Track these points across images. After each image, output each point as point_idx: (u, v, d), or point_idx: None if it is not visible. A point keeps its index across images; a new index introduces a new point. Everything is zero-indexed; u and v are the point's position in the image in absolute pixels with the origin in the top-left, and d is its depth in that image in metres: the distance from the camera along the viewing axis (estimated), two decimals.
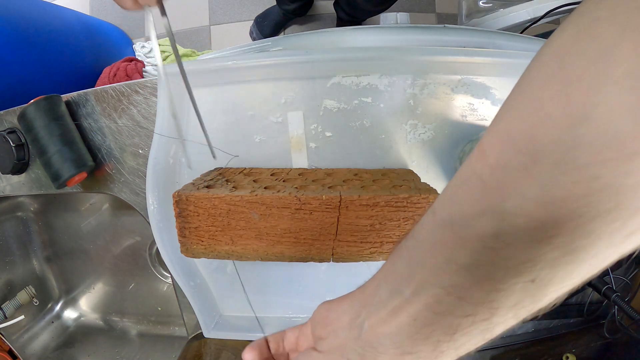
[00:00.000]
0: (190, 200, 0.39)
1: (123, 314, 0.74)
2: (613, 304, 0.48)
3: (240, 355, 0.30)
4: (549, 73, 0.15)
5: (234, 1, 1.39)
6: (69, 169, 0.48)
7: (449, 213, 0.19)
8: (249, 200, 0.38)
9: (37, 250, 0.71)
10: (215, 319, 0.51)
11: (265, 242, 0.39)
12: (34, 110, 0.47)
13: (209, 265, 0.50)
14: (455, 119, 0.46)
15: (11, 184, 0.55)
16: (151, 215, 0.46)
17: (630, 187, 0.13)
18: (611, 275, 0.50)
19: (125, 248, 0.72)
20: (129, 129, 0.51)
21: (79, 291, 0.74)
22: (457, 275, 0.18)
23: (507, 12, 0.71)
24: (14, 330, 0.64)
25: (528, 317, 0.20)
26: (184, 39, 1.40)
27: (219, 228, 0.39)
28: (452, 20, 1.38)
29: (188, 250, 0.41)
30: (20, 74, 0.78)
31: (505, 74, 0.45)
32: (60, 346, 0.69)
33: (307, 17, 1.38)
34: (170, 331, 0.72)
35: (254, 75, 0.46)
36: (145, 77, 0.97)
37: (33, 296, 0.66)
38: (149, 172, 0.46)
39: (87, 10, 1.41)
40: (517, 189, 0.16)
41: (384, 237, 0.38)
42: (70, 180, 0.48)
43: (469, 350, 0.22)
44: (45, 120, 0.47)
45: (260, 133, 0.47)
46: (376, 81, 0.45)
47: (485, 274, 0.18)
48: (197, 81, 0.46)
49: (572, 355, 0.51)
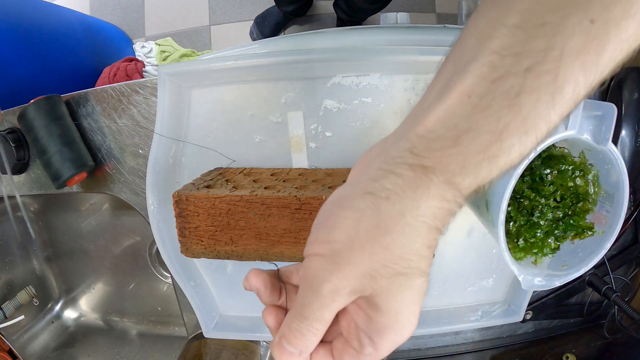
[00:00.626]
0: (190, 200, 0.39)
1: (123, 314, 0.74)
2: (613, 304, 0.48)
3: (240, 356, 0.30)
4: None
5: (234, 1, 1.39)
6: (69, 168, 0.48)
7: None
8: (249, 200, 0.38)
9: (37, 250, 0.71)
10: (215, 319, 0.51)
11: (265, 242, 0.39)
12: (34, 110, 0.47)
13: (209, 265, 0.50)
14: None
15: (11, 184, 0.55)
16: (151, 215, 0.46)
17: None
18: (611, 275, 0.50)
19: (125, 248, 0.72)
20: (129, 129, 0.51)
21: (79, 291, 0.74)
22: (510, 35, 0.18)
23: None
24: (14, 330, 0.64)
25: (596, 79, 0.18)
26: (184, 39, 1.40)
27: (219, 228, 0.39)
28: (452, 20, 1.38)
29: (188, 250, 0.41)
30: (20, 74, 0.78)
31: None
32: (60, 346, 0.69)
33: (307, 18, 1.38)
34: (170, 331, 0.72)
35: (254, 75, 0.46)
36: (145, 77, 0.96)
37: (33, 296, 0.66)
38: (149, 172, 0.46)
39: (87, 10, 1.41)
40: None
41: None
42: (70, 180, 0.48)
43: (540, 128, 0.19)
44: (45, 120, 0.47)
45: (260, 133, 0.47)
46: (376, 81, 0.45)
47: (539, 20, 0.17)
48: (197, 81, 0.46)
49: (572, 355, 0.51)
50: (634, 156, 0.48)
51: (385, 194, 0.21)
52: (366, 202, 0.21)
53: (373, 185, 0.21)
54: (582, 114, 0.31)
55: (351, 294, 0.22)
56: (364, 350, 0.23)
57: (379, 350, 0.23)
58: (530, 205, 0.36)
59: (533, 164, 0.36)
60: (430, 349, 0.55)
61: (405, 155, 0.21)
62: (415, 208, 0.20)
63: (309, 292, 0.22)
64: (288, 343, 0.23)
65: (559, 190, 0.36)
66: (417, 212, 0.20)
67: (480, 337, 0.56)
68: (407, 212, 0.20)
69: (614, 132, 0.40)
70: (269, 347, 0.24)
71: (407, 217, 0.20)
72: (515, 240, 0.37)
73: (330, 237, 0.22)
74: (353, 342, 0.24)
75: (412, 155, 0.21)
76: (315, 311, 0.22)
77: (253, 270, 0.27)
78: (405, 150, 0.21)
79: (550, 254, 0.38)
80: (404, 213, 0.20)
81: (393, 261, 0.21)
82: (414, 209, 0.20)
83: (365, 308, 0.23)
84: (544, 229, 0.37)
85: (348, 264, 0.21)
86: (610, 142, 0.32)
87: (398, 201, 0.20)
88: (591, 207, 0.37)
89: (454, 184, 0.20)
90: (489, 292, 0.50)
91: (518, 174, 0.31)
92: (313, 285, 0.22)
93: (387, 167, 0.21)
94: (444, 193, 0.20)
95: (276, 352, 0.24)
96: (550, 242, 0.37)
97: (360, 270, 0.21)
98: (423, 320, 0.49)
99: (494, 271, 0.49)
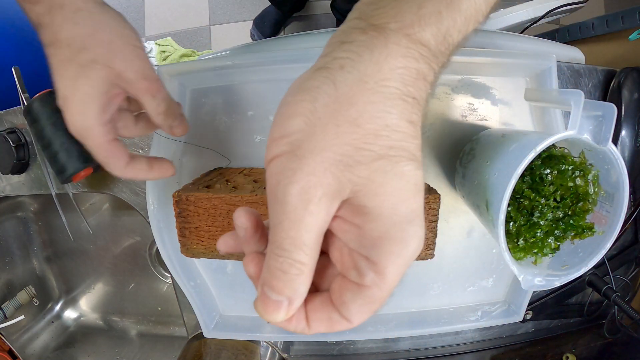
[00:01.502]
0: (190, 200, 0.39)
1: (123, 314, 0.74)
2: (613, 304, 0.48)
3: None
4: None
5: (234, 1, 1.40)
6: (75, 163, 0.47)
7: None
8: (249, 200, 0.38)
9: (37, 250, 0.71)
10: (215, 319, 0.51)
11: None
12: (39, 104, 0.47)
13: (209, 265, 0.50)
14: (455, 119, 0.46)
15: (11, 184, 0.55)
16: (151, 215, 0.46)
17: None
18: (611, 275, 0.50)
19: (125, 248, 0.72)
20: None
21: (79, 291, 0.74)
22: None
23: (507, 12, 0.71)
24: (14, 330, 0.64)
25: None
26: (184, 39, 1.40)
27: (219, 228, 0.39)
28: None
29: (188, 250, 0.41)
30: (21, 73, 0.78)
31: (505, 74, 0.45)
32: (60, 346, 0.69)
33: (307, 17, 1.39)
34: (170, 331, 0.72)
35: (254, 75, 0.46)
36: None
37: (33, 296, 0.66)
38: None
39: None
40: None
41: None
42: (76, 175, 0.48)
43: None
44: (51, 113, 0.47)
45: (260, 133, 0.47)
46: None
47: None
48: (197, 81, 0.46)
49: (572, 355, 0.51)
50: (634, 156, 0.48)
51: (339, 64, 0.18)
52: (319, 78, 0.18)
53: (324, 60, 0.19)
54: (582, 114, 0.31)
55: (328, 199, 0.17)
56: (364, 279, 0.19)
57: (383, 274, 0.18)
58: (530, 205, 0.36)
59: (533, 164, 0.36)
60: (430, 349, 0.55)
61: (354, 24, 0.19)
62: (376, 72, 0.17)
63: (276, 206, 0.18)
64: (271, 289, 0.19)
65: (559, 190, 0.36)
66: (380, 75, 0.17)
67: (480, 337, 0.56)
68: (368, 77, 0.17)
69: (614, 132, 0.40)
70: (254, 306, 0.21)
71: (369, 84, 0.17)
72: (515, 240, 0.37)
73: (287, 129, 0.18)
74: (351, 274, 0.19)
75: (362, 21, 0.18)
76: (290, 233, 0.17)
77: (243, 207, 0.22)
78: (354, 19, 0.19)
79: (550, 254, 0.38)
80: (364, 79, 0.17)
81: (366, 140, 0.17)
82: (376, 72, 0.17)
83: (352, 219, 0.18)
84: (544, 229, 0.37)
85: (312, 153, 0.17)
86: (610, 142, 0.32)
87: (354, 67, 0.18)
88: (591, 207, 0.37)
89: (414, 37, 0.18)
90: (489, 292, 0.50)
91: (518, 174, 0.31)
92: (278, 195, 0.17)
93: (337, 40, 0.19)
94: (406, 49, 0.18)
95: (260, 307, 0.20)
96: (550, 242, 0.37)
97: (329, 158, 0.17)
98: (423, 320, 0.49)
99: (494, 271, 0.49)
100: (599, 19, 0.65)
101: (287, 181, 0.17)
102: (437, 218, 0.37)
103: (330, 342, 0.55)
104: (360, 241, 0.18)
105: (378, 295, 0.19)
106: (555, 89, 0.43)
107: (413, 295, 0.50)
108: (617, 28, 0.62)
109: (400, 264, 0.18)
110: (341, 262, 0.20)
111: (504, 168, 0.33)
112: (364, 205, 0.18)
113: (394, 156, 0.17)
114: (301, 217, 0.17)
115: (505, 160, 0.34)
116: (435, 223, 0.37)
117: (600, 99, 0.50)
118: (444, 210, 0.46)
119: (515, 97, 0.46)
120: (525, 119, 0.46)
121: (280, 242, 0.18)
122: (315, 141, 0.17)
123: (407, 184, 0.18)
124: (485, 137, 0.42)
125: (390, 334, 0.49)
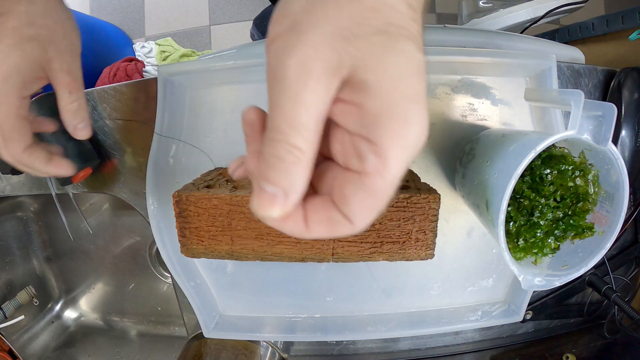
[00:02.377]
0: (191, 200, 0.39)
1: (123, 314, 0.74)
2: (613, 304, 0.48)
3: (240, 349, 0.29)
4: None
5: (234, 1, 1.40)
6: (74, 164, 0.47)
7: None
8: (249, 201, 0.38)
9: (37, 250, 0.71)
10: (215, 319, 0.51)
11: (265, 242, 0.39)
12: (37, 107, 0.47)
13: (209, 265, 0.50)
14: (455, 119, 0.46)
15: (11, 184, 0.55)
16: (151, 215, 0.46)
17: None
18: (611, 275, 0.50)
19: (125, 248, 0.72)
20: (129, 129, 0.51)
21: (79, 291, 0.74)
22: None
23: (507, 12, 0.71)
24: (14, 330, 0.64)
25: None
26: (184, 39, 1.40)
27: (219, 228, 0.39)
28: (452, 20, 1.38)
29: (188, 251, 0.41)
30: None
31: (505, 74, 0.45)
32: (60, 346, 0.69)
33: None
34: (170, 331, 0.72)
35: (254, 75, 0.46)
36: (145, 77, 0.96)
37: (33, 296, 0.66)
38: (149, 172, 0.46)
39: (87, 10, 1.41)
40: None
41: (384, 237, 0.38)
42: (75, 176, 0.48)
43: None
44: (49, 115, 0.47)
45: None
46: None
47: None
48: (197, 81, 0.46)
49: (572, 355, 0.51)
50: (634, 156, 0.48)
51: None
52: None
53: None
54: (582, 114, 0.31)
55: (328, 77, 0.17)
56: (366, 165, 0.18)
57: (385, 157, 0.17)
58: (530, 205, 0.36)
59: (533, 164, 0.36)
60: (430, 349, 0.56)
61: None
62: None
63: (275, 85, 0.17)
64: (266, 181, 0.18)
65: (559, 190, 0.36)
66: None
67: (480, 337, 0.56)
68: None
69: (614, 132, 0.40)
70: (250, 205, 0.19)
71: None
72: (515, 240, 0.37)
73: (287, 9, 0.18)
74: (352, 162, 0.19)
75: None
76: (288, 112, 0.17)
77: (252, 105, 0.22)
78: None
79: (550, 254, 0.38)
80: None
81: (366, 15, 0.17)
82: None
83: (353, 97, 0.18)
84: (544, 229, 0.37)
85: (311, 26, 0.17)
86: (610, 142, 0.32)
87: None
88: (591, 207, 0.37)
89: None
90: (489, 292, 0.50)
91: (518, 174, 0.31)
92: (276, 73, 0.17)
93: None
94: None
95: (255, 202, 0.18)
96: (550, 242, 0.37)
97: (328, 31, 0.17)
98: (423, 320, 0.49)
99: (494, 271, 0.49)
100: (599, 19, 0.65)
101: (285, 54, 0.17)
102: (437, 218, 0.37)
103: (331, 342, 0.55)
104: (361, 121, 0.18)
105: (380, 184, 0.18)
106: (555, 89, 0.43)
107: (413, 295, 0.50)
108: (617, 28, 0.62)
109: (402, 146, 0.17)
110: (343, 153, 0.19)
111: (504, 168, 0.33)
112: (364, 81, 0.17)
113: (394, 33, 0.17)
114: (300, 93, 0.17)
115: (505, 160, 0.34)
116: (435, 223, 0.37)
117: (600, 99, 0.50)
118: (444, 210, 0.46)
119: (515, 97, 0.46)
120: (525, 119, 0.46)
121: (278, 124, 0.17)
122: (315, 16, 0.17)
123: (407, 62, 0.17)
124: (485, 137, 0.42)
125: (390, 334, 0.49)
